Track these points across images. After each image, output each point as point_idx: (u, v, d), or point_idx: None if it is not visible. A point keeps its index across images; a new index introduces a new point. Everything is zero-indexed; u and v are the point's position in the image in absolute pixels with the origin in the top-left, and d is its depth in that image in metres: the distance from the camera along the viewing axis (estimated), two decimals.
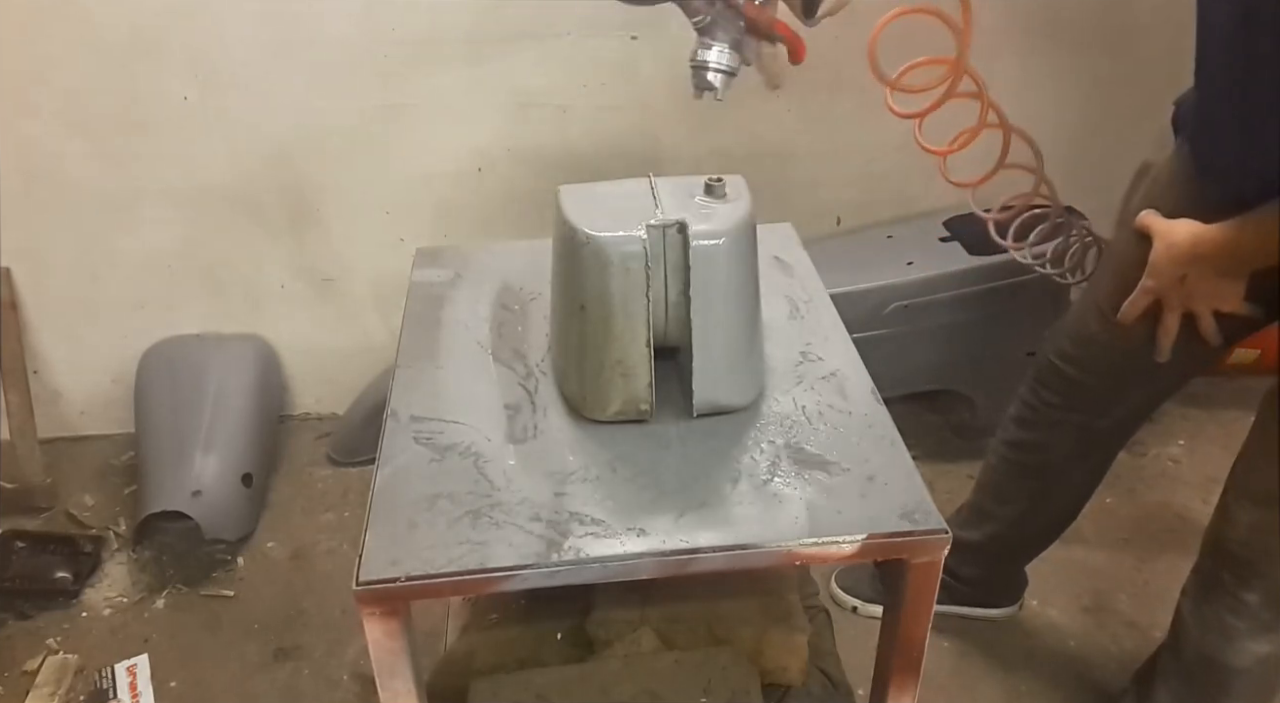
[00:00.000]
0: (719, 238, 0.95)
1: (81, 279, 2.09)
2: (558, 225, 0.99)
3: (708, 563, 0.85)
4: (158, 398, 2.05)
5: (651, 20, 1.92)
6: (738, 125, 2.04)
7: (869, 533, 0.86)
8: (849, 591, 1.79)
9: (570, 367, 1.02)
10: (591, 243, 0.94)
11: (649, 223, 0.94)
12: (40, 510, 2.06)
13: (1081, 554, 1.91)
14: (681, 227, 0.94)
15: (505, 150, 2.02)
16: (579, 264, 0.96)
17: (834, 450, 0.96)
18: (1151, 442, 2.19)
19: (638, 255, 0.94)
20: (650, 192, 1.00)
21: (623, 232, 0.94)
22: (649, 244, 0.94)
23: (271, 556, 1.97)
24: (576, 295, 0.97)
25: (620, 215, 0.96)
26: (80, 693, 1.68)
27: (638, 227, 0.94)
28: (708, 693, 1.05)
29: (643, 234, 0.94)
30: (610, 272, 0.94)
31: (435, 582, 0.83)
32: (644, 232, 0.94)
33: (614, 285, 0.94)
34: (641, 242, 0.94)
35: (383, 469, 0.95)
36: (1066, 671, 1.70)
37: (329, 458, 2.20)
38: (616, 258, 0.94)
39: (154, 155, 1.96)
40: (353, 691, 1.69)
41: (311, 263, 2.13)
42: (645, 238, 0.94)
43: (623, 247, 0.94)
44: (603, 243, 0.94)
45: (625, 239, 0.94)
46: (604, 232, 0.94)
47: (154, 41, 1.85)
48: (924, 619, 0.93)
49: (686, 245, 0.94)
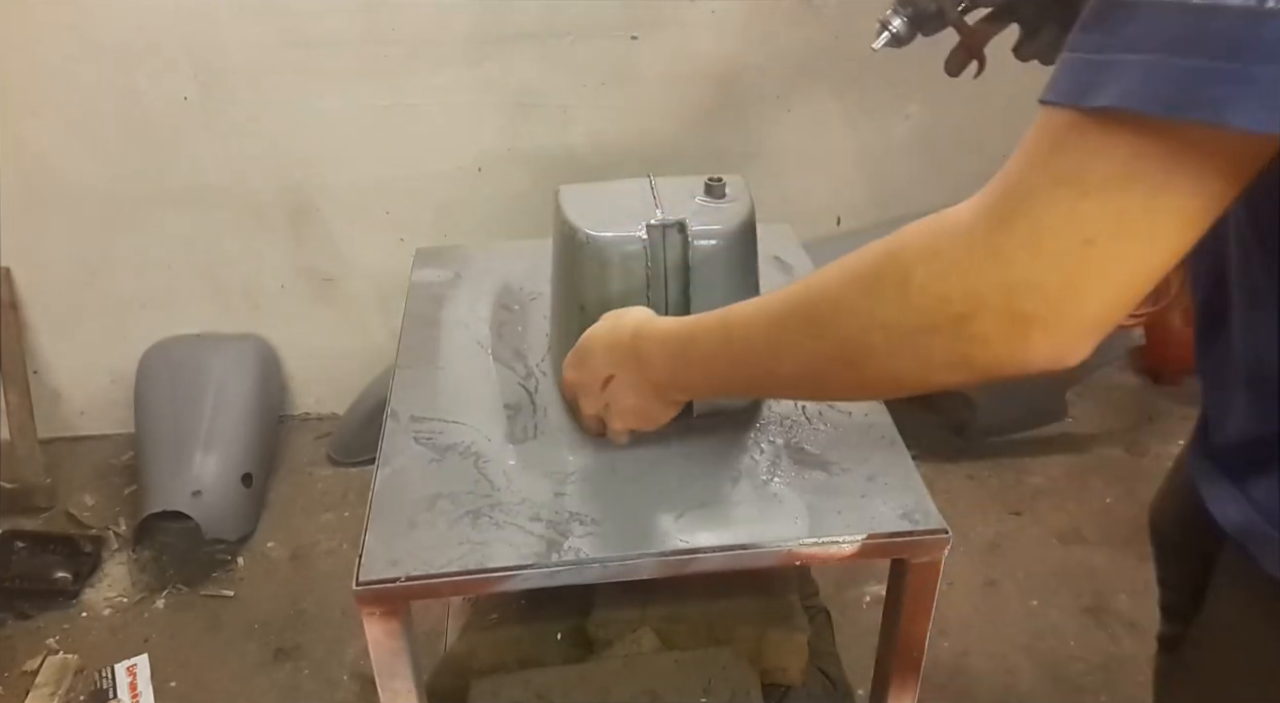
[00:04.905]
0: (719, 238, 0.94)
1: (81, 279, 2.09)
2: (558, 225, 0.99)
3: (708, 563, 0.85)
4: (158, 398, 2.05)
5: (651, 20, 1.92)
6: (738, 125, 2.04)
7: (869, 533, 0.86)
8: None
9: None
10: (592, 243, 0.94)
11: (649, 223, 0.94)
12: (40, 510, 2.06)
13: (1081, 554, 1.91)
14: (681, 226, 0.94)
15: (505, 150, 2.02)
16: (579, 264, 0.96)
17: (834, 450, 0.96)
18: (1151, 442, 2.19)
19: (638, 255, 0.94)
20: (650, 191, 1.00)
21: (623, 232, 0.94)
22: (649, 244, 0.93)
23: (271, 556, 1.97)
24: (576, 296, 0.97)
25: (620, 215, 0.95)
26: (80, 693, 1.68)
27: (638, 227, 0.94)
28: (708, 693, 1.05)
29: (643, 234, 0.93)
30: (610, 272, 0.94)
31: (435, 582, 0.83)
32: (644, 231, 0.93)
33: (614, 285, 0.94)
34: (642, 242, 0.93)
35: (383, 469, 0.95)
36: (1066, 671, 1.70)
37: (329, 458, 2.20)
38: (617, 258, 0.94)
39: (154, 155, 1.96)
40: (353, 691, 1.69)
41: (311, 263, 2.13)
42: (645, 238, 0.93)
43: (623, 246, 0.94)
44: (603, 243, 0.94)
45: (625, 239, 0.94)
46: (604, 231, 0.94)
47: (154, 42, 1.85)
48: (924, 619, 0.93)
49: (687, 245, 0.94)
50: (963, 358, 0.57)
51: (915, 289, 0.57)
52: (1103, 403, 2.30)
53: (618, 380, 0.86)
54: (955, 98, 1.97)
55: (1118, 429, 2.23)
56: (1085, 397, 2.29)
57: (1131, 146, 0.49)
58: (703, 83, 1.99)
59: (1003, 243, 0.53)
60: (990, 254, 0.54)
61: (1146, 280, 0.53)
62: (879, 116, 2.09)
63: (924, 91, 2.02)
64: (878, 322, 0.60)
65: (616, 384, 0.86)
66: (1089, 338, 0.55)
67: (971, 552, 1.92)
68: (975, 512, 2.02)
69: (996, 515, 2.01)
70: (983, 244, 0.54)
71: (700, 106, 2.02)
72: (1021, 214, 0.52)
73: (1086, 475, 2.10)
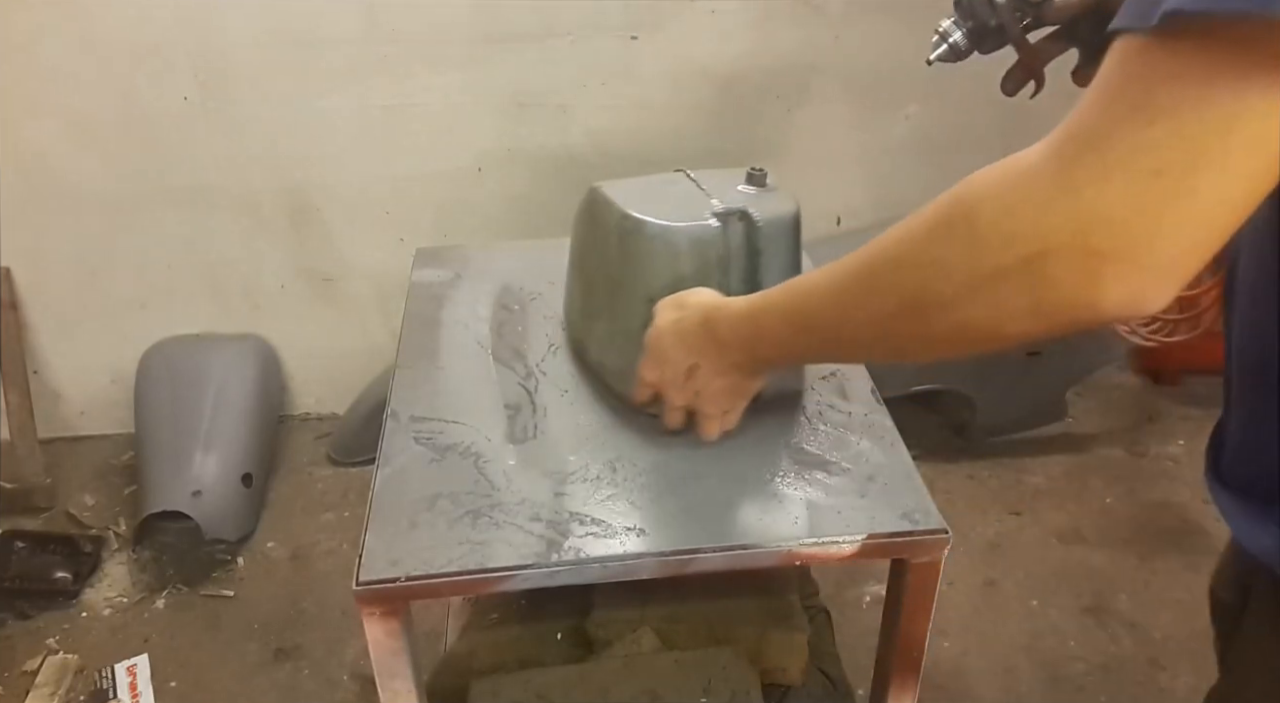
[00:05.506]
0: (779, 222, 0.97)
1: (81, 279, 2.09)
2: (610, 220, 0.99)
3: (708, 563, 0.85)
4: (158, 398, 2.05)
5: (651, 20, 1.92)
6: (737, 125, 2.04)
7: (869, 533, 0.86)
8: None
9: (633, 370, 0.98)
10: (664, 233, 0.95)
11: (715, 210, 0.96)
12: (40, 510, 2.06)
13: (1081, 554, 1.91)
14: (744, 213, 0.96)
15: (505, 150, 2.02)
16: (647, 256, 0.96)
17: (834, 451, 0.96)
18: (1151, 442, 2.19)
19: (712, 242, 0.95)
20: (692, 183, 1.02)
21: (694, 220, 0.95)
22: (723, 231, 0.95)
23: (271, 556, 1.97)
24: (642, 288, 0.97)
25: (679, 206, 0.97)
26: (80, 693, 1.68)
27: (705, 215, 0.96)
28: (708, 693, 1.05)
29: (714, 222, 0.95)
30: (682, 261, 0.95)
31: (435, 582, 0.83)
32: (713, 219, 0.95)
33: (686, 275, 0.95)
34: (714, 229, 0.95)
35: (383, 469, 0.95)
36: (1066, 671, 1.70)
37: (329, 458, 2.20)
38: (689, 247, 0.95)
39: (154, 155, 1.96)
40: (353, 691, 1.69)
41: (311, 263, 2.13)
42: (718, 225, 0.95)
43: (697, 235, 0.95)
44: (676, 233, 0.95)
45: (699, 228, 0.95)
46: (676, 221, 0.95)
47: (154, 42, 1.85)
48: (924, 619, 0.93)
49: (753, 230, 0.95)
50: (1035, 302, 0.55)
51: (984, 230, 0.56)
52: (1103, 403, 2.30)
53: (702, 369, 0.88)
54: (955, 98, 1.98)
55: (1118, 429, 2.23)
56: (1085, 397, 2.29)
57: (1198, 66, 0.48)
58: (703, 83, 1.99)
59: (1072, 177, 0.52)
60: (1060, 189, 0.52)
61: (1221, 220, 0.51)
62: (879, 116, 2.09)
63: (924, 91, 2.02)
64: (946, 270, 0.59)
65: (701, 372, 0.88)
66: (1164, 281, 0.52)
67: (971, 552, 1.92)
68: (975, 512, 2.02)
69: (996, 515, 2.01)
70: (1052, 179, 0.52)
71: (700, 107, 2.02)
72: (1090, 146, 0.51)
73: (1086, 475, 2.10)
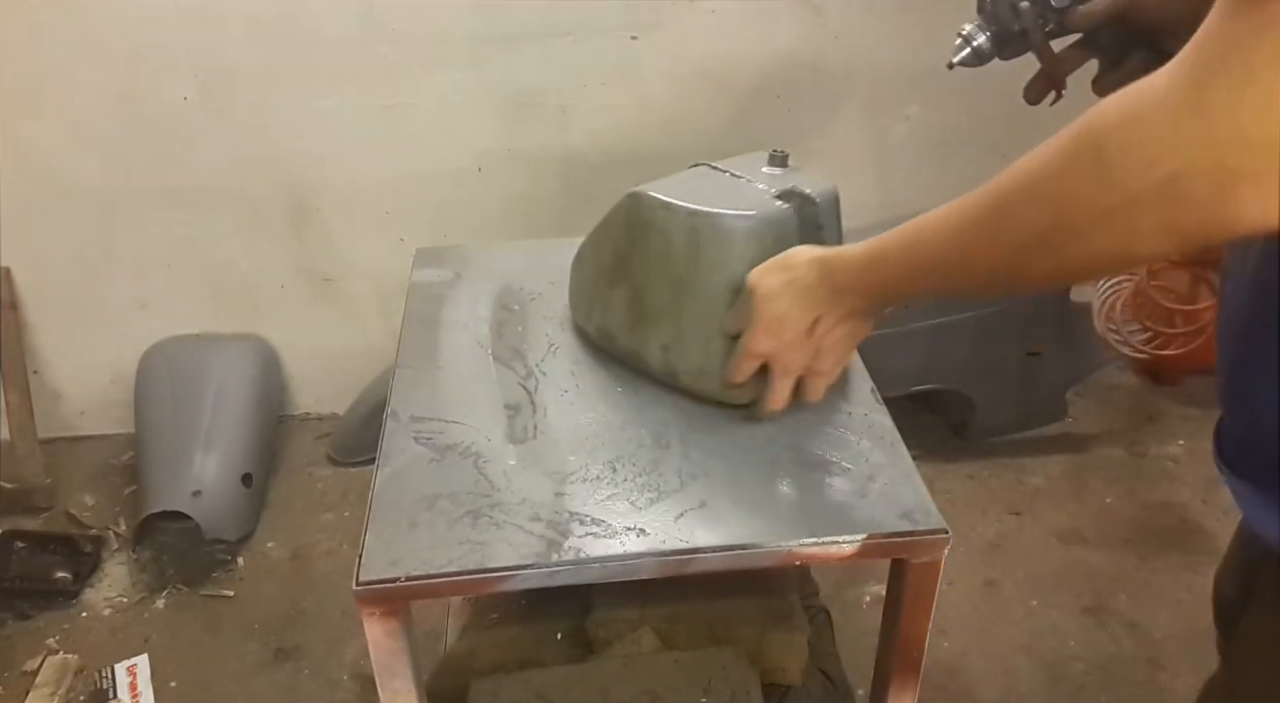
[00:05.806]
0: (833, 196, 1.00)
1: (81, 279, 2.09)
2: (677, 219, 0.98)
3: (708, 563, 0.85)
4: (158, 398, 2.05)
5: (651, 20, 1.92)
6: (737, 125, 2.04)
7: (869, 533, 0.86)
8: None
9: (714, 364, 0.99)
10: (741, 223, 0.96)
11: (774, 193, 0.98)
12: (40, 510, 2.06)
13: (1081, 554, 1.91)
14: (801, 193, 0.98)
15: (505, 150, 2.02)
16: (725, 247, 0.96)
17: (834, 451, 0.96)
18: (1151, 442, 2.19)
19: (786, 222, 0.97)
20: (723, 173, 1.04)
21: (763, 208, 0.97)
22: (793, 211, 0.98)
23: (271, 556, 1.97)
24: (722, 279, 0.96)
25: (738, 194, 0.99)
26: (80, 693, 1.68)
27: (768, 199, 0.98)
28: (708, 693, 1.05)
29: (780, 203, 0.98)
30: (760, 246, 0.95)
31: (435, 582, 0.83)
32: (779, 201, 0.98)
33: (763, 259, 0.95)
34: (785, 210, 0.97)
35: (383, 469, 0.95)
36: (1066, 671, 1.70)
37: (329, 458, 2.20)
38: (768, 230, 0.96)
39: (154, 155, 1.96)
40: (353, 691, 1.69)
41: (311, 263, 2.13)
42: (786, 206, 0.97)
43: (772, 220, 0.97)
44: (752, 221, 0.96)
45: (773, 214, 0.97)
46: (747, 209, 0.96)
47: (154, 42, 1.85)
48: (924, 619, 0.93)
49: (810, 208, 0.98)
50: (1170, 224, 0.55)
51: (1116, 157, 0.56)
52: (1103, 403, 2.30)
53: (822, 321, 0.89)
54: (955, 98, 1.98)
55: (1118, 429, 2.23)
56: (1085, 397, 2.29)
57: None
58: (702, 83, 1.99)
59: (1203, 98, 0.51)
60: (1191, 111, 0.52)
61: None
62: (879, 117, 2.09)
63: (924, 91, 2.02)
64: (1080, 202, 0.59)
65: (821, 324, 0.90)
66: None
67: (971, 552, 1.92)
68: (975, 512, 2.02)
69: (996, 515, 2.01)
70: (1183, 102, 0.52)
71: (700, 107, 2.02)
72: (1220, 67, 0.51)
73: (1086, 475, 2.10)
